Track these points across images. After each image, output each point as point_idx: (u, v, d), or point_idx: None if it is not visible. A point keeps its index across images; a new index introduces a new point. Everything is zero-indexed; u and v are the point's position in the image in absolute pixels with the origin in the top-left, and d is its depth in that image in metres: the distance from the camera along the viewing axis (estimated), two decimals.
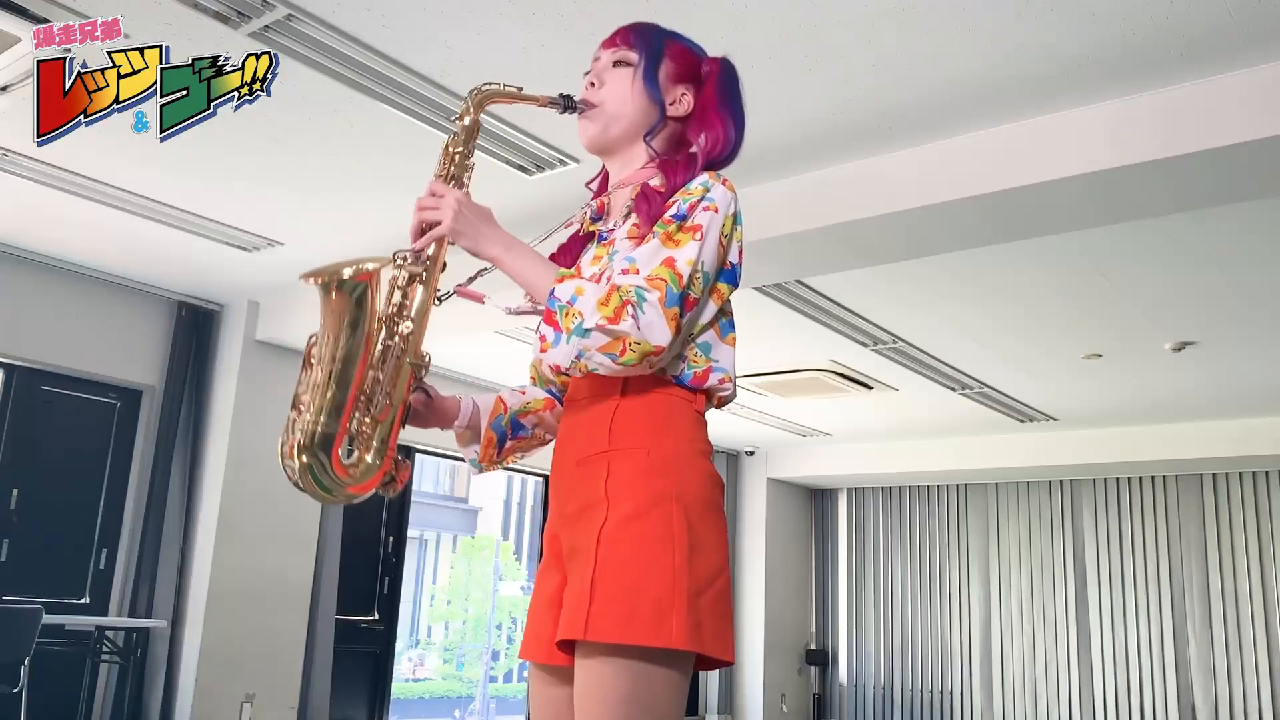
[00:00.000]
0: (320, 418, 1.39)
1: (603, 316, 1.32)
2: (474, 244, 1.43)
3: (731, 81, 1.59)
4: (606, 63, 1.58)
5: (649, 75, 1.54)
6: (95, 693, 5.44)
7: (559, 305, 1.35)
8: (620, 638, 1.28)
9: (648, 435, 1.39)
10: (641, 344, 1.32)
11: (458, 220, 1.42)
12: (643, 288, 1.34)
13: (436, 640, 15.24)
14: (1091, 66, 3.19)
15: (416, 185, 4.61)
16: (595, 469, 1.39)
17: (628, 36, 1.57)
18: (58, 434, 5.51)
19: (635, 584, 1.30)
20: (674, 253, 1.38)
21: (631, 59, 1.55)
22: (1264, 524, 7.98)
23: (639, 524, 1.33)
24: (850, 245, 4.14)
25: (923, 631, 9.31)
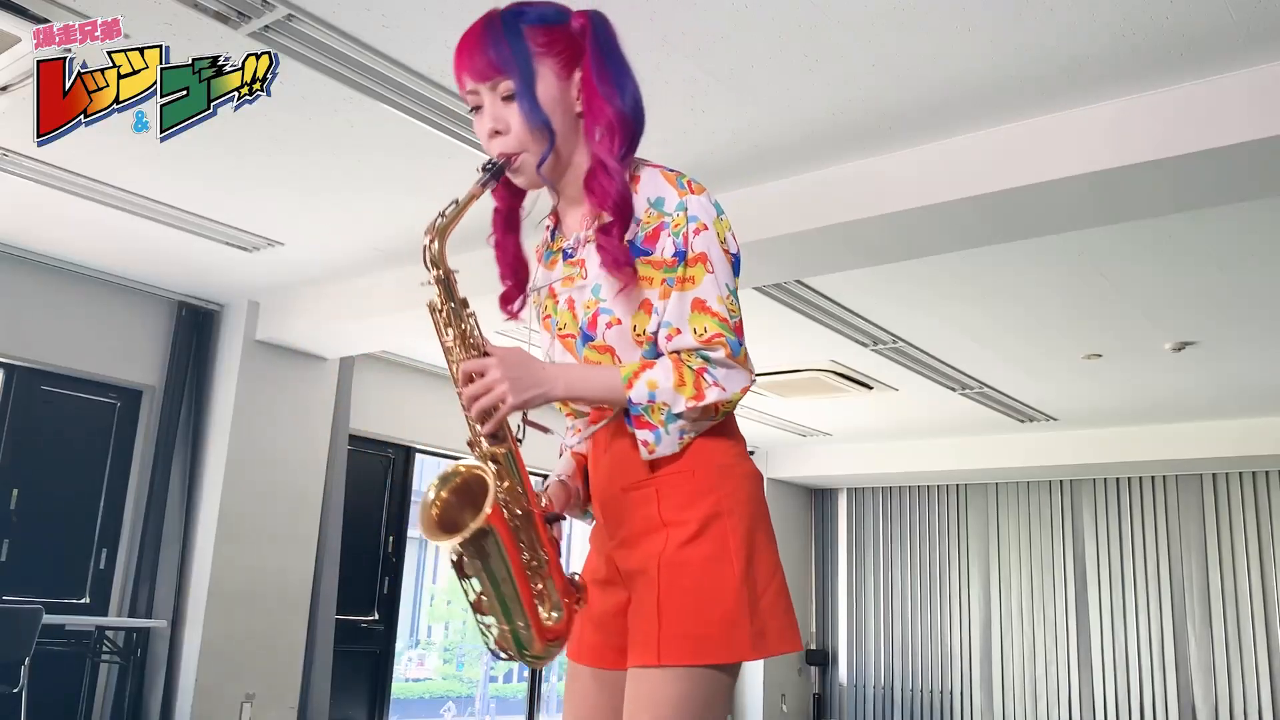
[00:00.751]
0: (520, 623, 1.40)
1: (688, 399, 1.35)
2: (544, 397, 1.38)
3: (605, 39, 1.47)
4: (495, 102, 1.45)
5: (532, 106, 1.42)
6: (95, 693, 5.44)
7: (643, 408, 1.36)
8: (692, 660, 1.33)
9: (688, 458, 1.40)
10: (731, 401, 1.38)
11: (517, 390, 1.34)
12: (703, 350, 1.37)
13: (436, 640, 15.24)
14: (1091, 66, 3.19)
15: (416, 185, 4.61)
16: (644, 495, 1.41)
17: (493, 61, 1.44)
18: (58, 434, 5.51)
19: (700, 606, 1.34)
20: (696, 293, 1.38)
21: (512, 89, 1.43)
22: (1264, 524, 7.98)
23: (697, 546, 1.37)
24: (850, 245, 4.13)
25: (923, 631, 9.31)
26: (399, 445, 7.07)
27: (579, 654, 1.53)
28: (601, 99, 1.44)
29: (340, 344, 5.99)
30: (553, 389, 1.37)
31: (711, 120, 3.63)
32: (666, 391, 1.35)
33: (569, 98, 1.45)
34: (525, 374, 1.36)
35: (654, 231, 1.40)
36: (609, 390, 1.38)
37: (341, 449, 6.31)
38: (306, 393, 6.09)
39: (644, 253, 1.40)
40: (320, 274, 5.46)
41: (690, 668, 1.33)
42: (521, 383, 1.35)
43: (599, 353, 1.43)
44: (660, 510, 1.40)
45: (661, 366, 1.37)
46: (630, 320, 1.41)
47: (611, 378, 1.38)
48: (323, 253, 5.15)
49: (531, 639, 1.40)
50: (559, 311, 1.50)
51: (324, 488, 6.13)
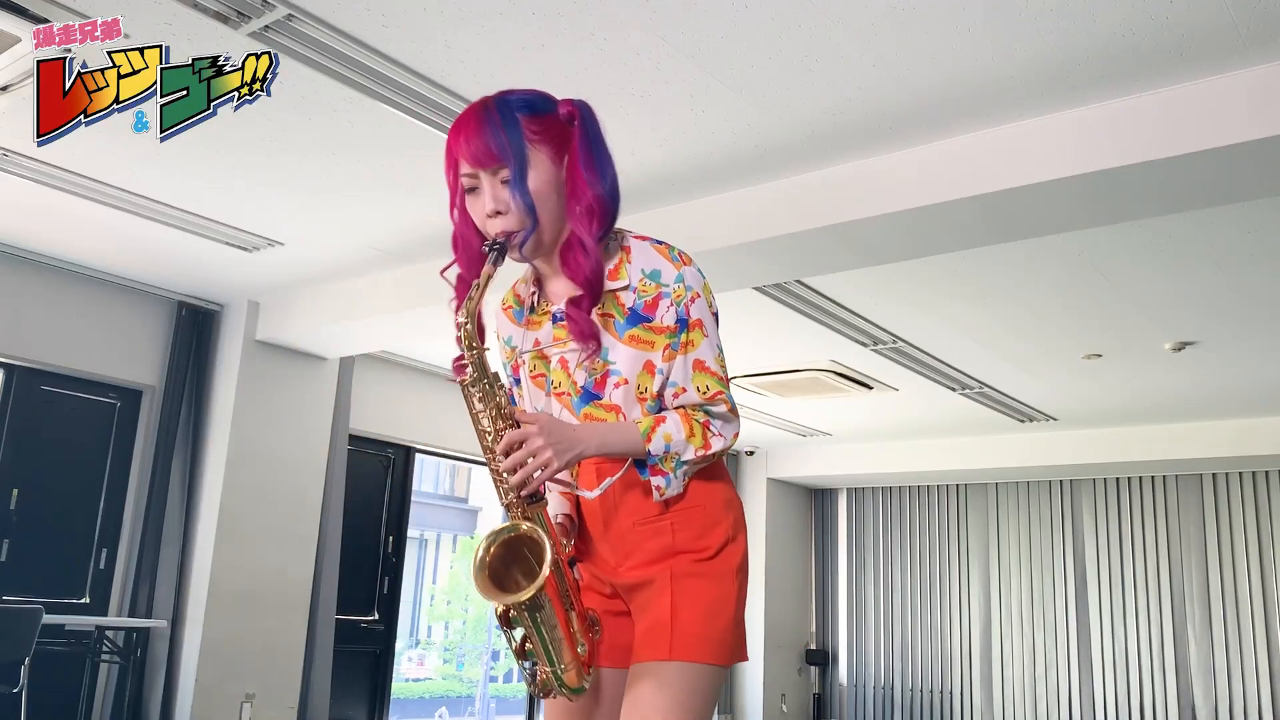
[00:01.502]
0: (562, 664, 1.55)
1: (696, 448, 1.53)
2: (579, 457, 1.51)
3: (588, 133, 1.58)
4: (494, 185, 1.53)
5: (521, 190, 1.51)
6: (95, 693, 5.44)
7: (658, 459, 1.53)
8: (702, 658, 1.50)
9: (695, 494, 1.58)
10: (730, 445, 1.58)
11: (559, 454, 1.48)
12: (706, 405, 1.56)
13: (436, 640, 15.24)
14: (1091, 66, 3.19)
15: (416, 185, 4.61)
16: (657, 527, 1.57)
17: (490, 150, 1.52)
18: (58, 434, 5.51)
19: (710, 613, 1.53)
20: (696, 355, 1.56)
21: (508, 176, 1.52)
22: (1264, 524, 7.98)
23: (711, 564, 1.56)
24: (850, 245, 4.14)
25: (923, 631, 9.31)
26: (399, 445, 7.07)
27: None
28: (585, 184, 1.56)
29: (340, 344, 5.99)
30: (587, 448, 1.51)
31: (711, 120, 3.63)
32: (679, 443, 1.53)
33: (560, 180, 1.56)
34: (563, 438, 1.49)
35: (653, 300, 1.56)
36: (632, 445, 1.53)
37: (341, 449, 6.31)
38: (306, 393, 6.09)
39: (645, 319, 1.56)
40: (320, 274, 5.46)
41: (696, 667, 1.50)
42: (561, 447, 1.48)
43: (605, 410, 1.57)
44: (675, 540, 1.56)
45: (672, 421, 1.54)
46: (635, 380, 1.55)
47: (633, 434, 1.53)
48: (323, 253, 5.15)
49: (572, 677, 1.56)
50: (552, 370, 1.61)
51: (324, 488, 6.13)
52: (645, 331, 1.55)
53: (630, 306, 1.56)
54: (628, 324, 1.55)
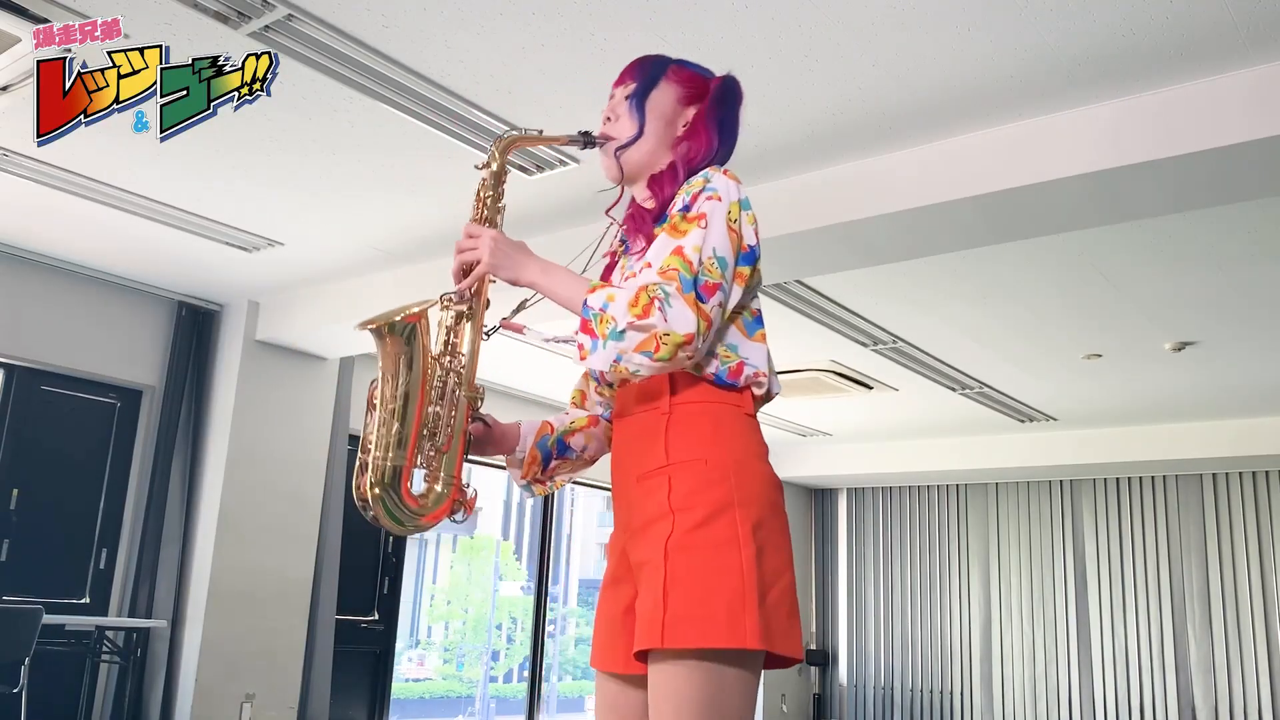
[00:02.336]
0: (388, 454, 1.46)
1: (633, 315, 1.37)
2: (513, 274, 1.50)
3: (726, 95, 1.66)
4: (620, 99, 1.65)
5: (637, 102, 1.61)
6: (95, 693, 5.44)
7: (593, 313, 1.40)
8: (696, 642, 1.33)
9: (703, 445, 1.45)
10: (671, 335, 1.37)
11: (495, 255, 1.49)
12: (660, 282, 1.40)
13: (436, 640, 15.23)
14: (1091, 66, 3.19)
15: (416, 185, 4.61)
16: (656, 483, 1.45)
17: (632, 70, 1.66)
18: (58, 434, 5.51)
19: (706, 589, 1.35)
20: (680, 241, 1.45)
21: (630, 91, 1.64)
22: (1264, 524, 7.98)
23: (705, 531, 1.39)
24: (850, 245, 4.14)
25: (923, 631, 9.31)
26: None
27: (601, 661, 1.54)
28: (704, 126, 1.62)
29: (340, 344, 5.99)
30: (524, 272, 1.49)
31: None
32: (619, 306, 1.39)
33: (675, 120, 1.63)
34: (511, 251, 1.50)
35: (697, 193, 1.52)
36: (574, 290, 1.45)
37: (341, 449, 6.31)
38: (306, 393, 6.09)
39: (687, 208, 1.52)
40: (320, 274, 5.46)
41: (701, 662, 1.33)
42: (501, 253, 1.49)
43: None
44: (670, 497, 1.42)
45: (626, 288, 1.42)
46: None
47: (582, 282, 1.46)
48: (323, 253, 5.15)
49: (399, 482, 1.45)
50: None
51: (324, 488, 6.13)
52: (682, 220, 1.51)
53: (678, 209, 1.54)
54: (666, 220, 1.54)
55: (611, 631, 1.51)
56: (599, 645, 1.54)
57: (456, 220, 4.61)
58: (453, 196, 4.38)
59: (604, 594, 1.55)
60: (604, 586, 1.56)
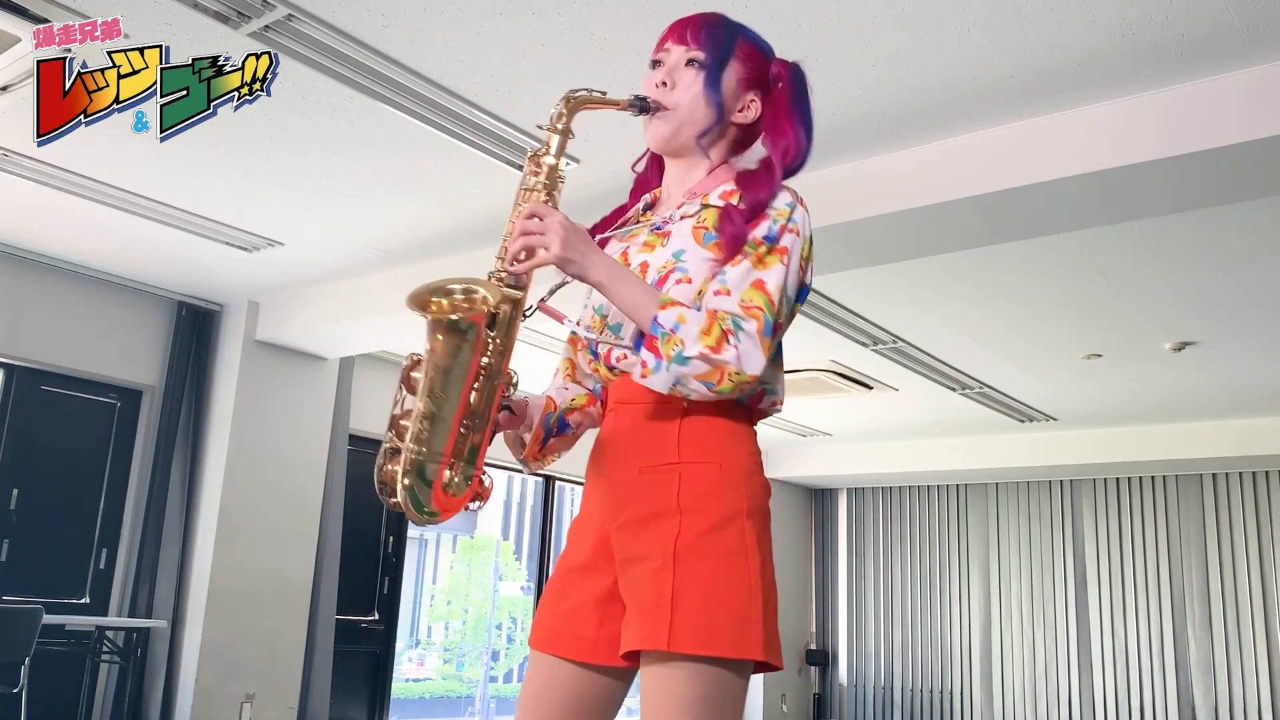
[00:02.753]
0: (425, 447, 1.38)
1: (705, 345, 1.35)
2: (580, 270, 1.39)
3: (803, 87, 1.58)
4: (678, 60, 1.55)
5: (713, 81, 1.53)
6: (95, 693, 5.44)
7: (662, 333, 1.36)
8: (703, 649, 1.32)
9: (717, 449, 1.43)
10: (740, 374, 1.36)
11: (566, 248, 1.37)
12: (740, 316, 1.37)
13: (436, 640, 15.24)
14: (1091, 66, 3.19)
15: (416, 185, 4.60)
16: (664, 478, 1.42)
17: (698, 34, 1.55)
18: (58, 434, 5.51)
19: (716, 597, 1.34)
20: (764, 275, 1.41)
21: (702, 60, 1.53)
22: (1264, 524, 7.98)
23: (716, 538, 1.37)
24: (850, 245, 4.13)
25: (923, 631, 9.31)
26: None
27: (555, 645, 1.48)
28: (789, 122, 1.54)
29: (340, 344, 5.99)
30: (593, 270, 1.39)
31: None
32: (690, 330, 1.35)
33: (734, 104, 1.56)
34: (580, 242, 1.39)
35: (757, 221, 1.45)
36: (643, 301, 1.39)
37: (341, 449, 6.31)
38: (306, 393, 6.09)
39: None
40: (320, 274, 5.46)
41: (703, 666, 1.33)
42: (572, 246, 1.37)
43: None
44: (680, 495, 1.40)
45: (697, 312, 1.38)
46: (699, 284, 1.43)
47: (652, 294, 1.40)
48: (323, 253, 5.15)
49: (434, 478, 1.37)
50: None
51: (324, 488, 6.13)
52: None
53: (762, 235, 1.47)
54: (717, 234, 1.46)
55: (578, 618, 1.46)
56: (553, 629, 1.48)
57: (456, 220, 4.62)
58: (453, 196, 4.38)
59: (568, 578, 1.50)
60: (568, 571, 1.50)
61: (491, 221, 4.61)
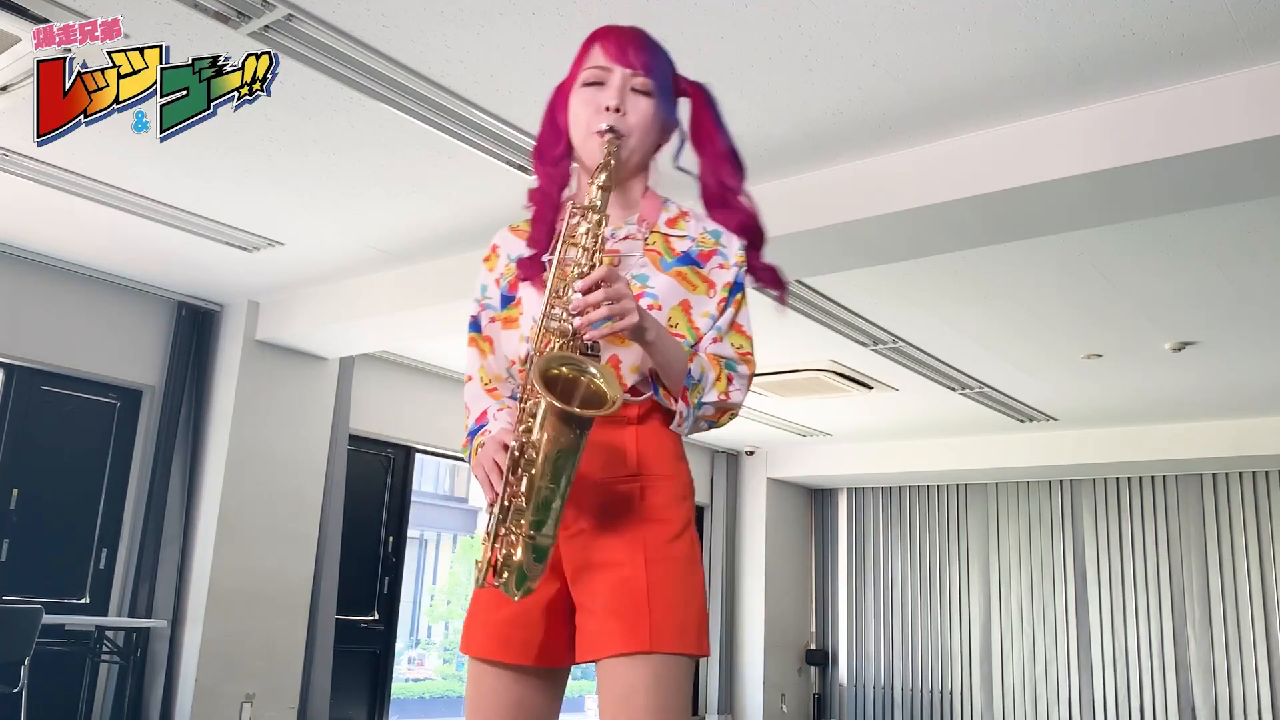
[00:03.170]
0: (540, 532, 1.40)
1: (719, 392, 1.51)
2: (640, 335, 1.42)
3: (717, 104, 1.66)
4: (624, 85, 1.56)
5: (668, 109, 1.59)
6: (95, 693, 5.44)
7: (692, 383, 1.49)
8: (677, 648, 1.44)
9: (670, 464, 1.54)
10: (734, 413, 1.55)
11: (646, 319, 1.41)
12: (734, 360, 1.55)
13: (436, 640, 15.24)
14: (1091, 66, 3.19)
15: (416, 185, 4.60)
16: (625, 491, 1.50)
17: (642, 57, 1.58)
18: (58, 434, 5.51)
19: (683, 599, 1.47)
20: (740, 320, 1.59)
21: (650, 87, 1.57)
22: (1264, 524, 7.98)
23: (677, 545, 1.49)
24: (850, 245, 4.14)
25: (923, 631, 9.31)
26: (399, 445, 7.07)
27: (491, 650, 1.52)
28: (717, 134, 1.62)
29: (340, 344, 5.99)
30: (649, 330, 1.43)
31: None
32: (708, 380, 1.51)
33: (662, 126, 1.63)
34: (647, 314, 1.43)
35: (708, 253, 1.58)
36: (678, 356, 1.49)
37: (341, 449, 6.31)
38: (306, 393, 6.09)
39: (696, 264, 1.57)
40: (320, 274, 5.46)
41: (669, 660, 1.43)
42: (649, 319, 1.43)
43: None
44: (643, 506, 1.50)
45: (705, 359, 1.52)
46: (668, 311, 1.53)
47: (680, 346, 1.50)
48: (323, 253, 5.15)
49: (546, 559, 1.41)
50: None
51: (324, 488, 6.13)
52: (693, 273, 1.56)
53: (683, 250, 1.57)
54: (676, 263, 1.56)
55: (525, 624, 1.50)
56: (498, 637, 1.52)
57: (456, 220, 4.62)
58: (453, 196, 4.38)
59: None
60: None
61: (491, 221, 4.61)
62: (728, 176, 1.63)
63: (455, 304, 5.07)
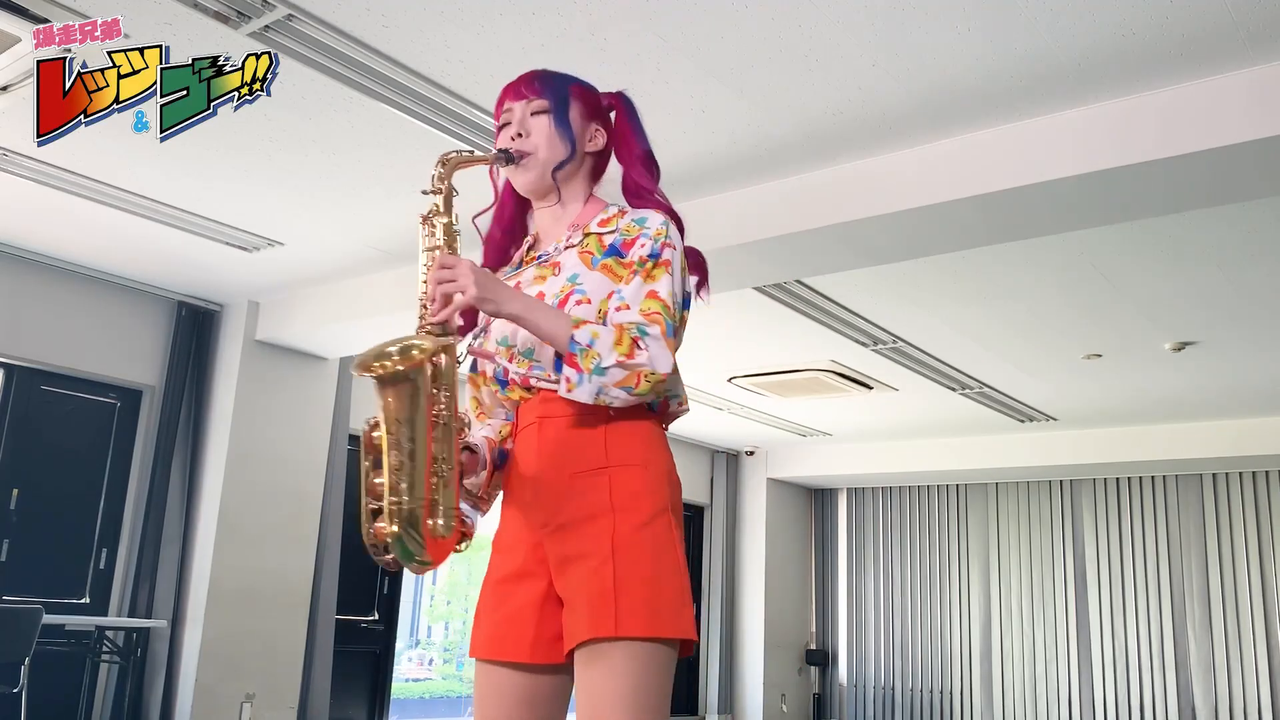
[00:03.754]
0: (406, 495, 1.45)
1: (619, 354, 1.50)
2: (496, 307, 1.53)
3: (634, 109, 1.77)
4: (524, 113, 1.71)
5: (561, 119, 1.69)
6: (95, 693, 5.44)
7: (580, 349, 1.50)
8: (648, 632, 1.45)
9: (641, 452, 1.57)
10: (654, 374, 1.52)
11: (480, 288, 1.51)
12: (643, 324, 1.53)
13: (436, 640, 15.24)
14: (1091, 66, 3.19)
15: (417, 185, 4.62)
16: (595, 482, 1.54)
17: (534, 86, 1.71)
18: (58, 434, 5.51)
19: (655, 585, 1.49)
20: (654, 286, 1.58)
21: (546, 106, 1.70)
22: (1264, 524, 7.98)
23: (647, 531, 1.52)
24: (850, 245, 4.13)
25: (923, 631, 9.31)
26: None
27: (488, 650, 1.59)
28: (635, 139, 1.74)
29: (340, 344, 5.99)
30: (508, 303, 1.53)
31: (711, 120, 3.63)
32: (604, 343, 1.50)
33: (584, 134, 1.74)
34: (489, 282, 1.53)
35: (632, 240, 1.63)
36: (557, 326, 1.53)
37: (341, 449, 6.31)
38: (306, 393, 6.09)
39: (619, 254, 1.62)
40: (320, 274, 5.46)
41: (644, 643, 1.45)
42: (484, 286, 1.51)
43: None
44: (612, 496, 1.53)
45: (605, 327, 1.54)
46: (598, 304, 1.58)
47: (563, 317, 1.54)
48: (323, 253, 5.15)
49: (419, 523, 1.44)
50: None
51: (324, 488, 6.13)
52: (616, 264, 1.61)
53: (610, 244, 1.64)
54: (604, 256, 1.63)
55: (518, 622, 1.56)
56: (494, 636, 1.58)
57: (456, 220, 4.61)
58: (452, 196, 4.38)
59: (501, 588, 1.60)
60: (500, 581, 1.61)
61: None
62: (641, 177, 1.72)
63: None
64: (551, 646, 1.54)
